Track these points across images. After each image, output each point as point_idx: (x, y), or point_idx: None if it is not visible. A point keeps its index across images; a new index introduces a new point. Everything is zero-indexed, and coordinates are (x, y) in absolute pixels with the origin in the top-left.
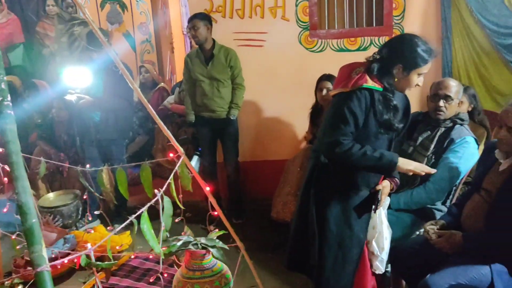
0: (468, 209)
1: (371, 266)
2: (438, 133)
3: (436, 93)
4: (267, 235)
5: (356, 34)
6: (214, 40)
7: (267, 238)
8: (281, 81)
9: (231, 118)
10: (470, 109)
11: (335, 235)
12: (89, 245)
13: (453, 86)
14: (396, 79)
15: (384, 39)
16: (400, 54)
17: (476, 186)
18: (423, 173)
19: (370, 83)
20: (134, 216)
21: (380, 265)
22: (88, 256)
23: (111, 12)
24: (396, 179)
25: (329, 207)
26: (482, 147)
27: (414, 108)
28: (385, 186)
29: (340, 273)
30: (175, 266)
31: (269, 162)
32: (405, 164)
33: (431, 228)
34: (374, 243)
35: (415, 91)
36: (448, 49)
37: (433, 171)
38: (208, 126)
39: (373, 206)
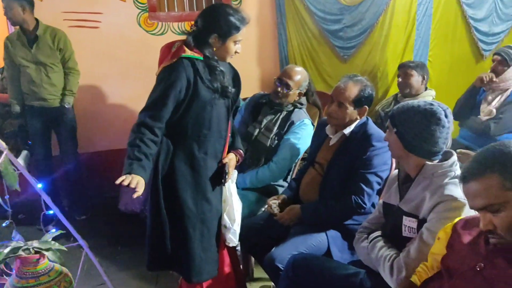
0: (305, 183)
1: (225, 239)
2: (281, 116)
3: (280, 78)
4: (116, 229)
5: (196, 17)
6: (37, 21)
7: (116, 231)
8: (121, 65)
9: (66, 106)
10: (304, 91)
11: (196, 213)
12: None
13: (297, 76)
14: (214, 48)
15: None
16: (214, 24)
17: (311, 161)
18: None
19: (188, 52)
20: None
21: (234, 238)
22: None
23: None
24: (240, 150)
25: (183, 186)
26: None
27: (257, 88)
28: (231, 158)
29: (209, 247)
30: (4, 276)
31: (113, 151)
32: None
33: (273, 202)
34: (225, 216)
35: (256, 72)
36: (283, 34)
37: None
38: (40, 116)
39: (222, 180)
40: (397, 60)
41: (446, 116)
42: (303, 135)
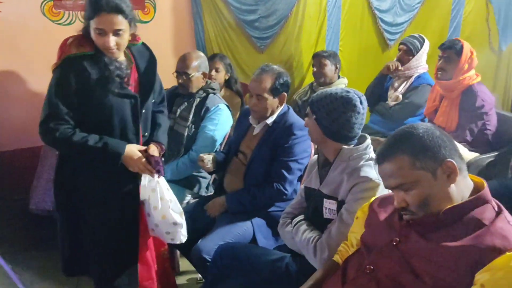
0: (229, 173)
1: (174, 238)
2: (194, 104)
3: (178, 71)
4: (28, 233)
5: None
6: None
7: (28, 235)
8: (24, 58)
9: None
10: (227, 77)
11: (102, 219)
12: None
13: (191, 62)
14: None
15: (138, 13)
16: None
17: (234, 150)
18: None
19: (73, 51)
20: None
21: (185, 232)
22: None
23: None
24: (163, 145)
25: (85, 196)
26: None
27: (174, 80)
28: (153, 150)
29: (120, 258)
30: None
31: (17, 151)
32: (130, 152)
33: (207, 157)
34: (171, 213)
35: (173, 64)
36: (199, 24)
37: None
38: None
39: (157, 173)
40: (311, 50)
41: (361, 102)
42: (220, 120)
